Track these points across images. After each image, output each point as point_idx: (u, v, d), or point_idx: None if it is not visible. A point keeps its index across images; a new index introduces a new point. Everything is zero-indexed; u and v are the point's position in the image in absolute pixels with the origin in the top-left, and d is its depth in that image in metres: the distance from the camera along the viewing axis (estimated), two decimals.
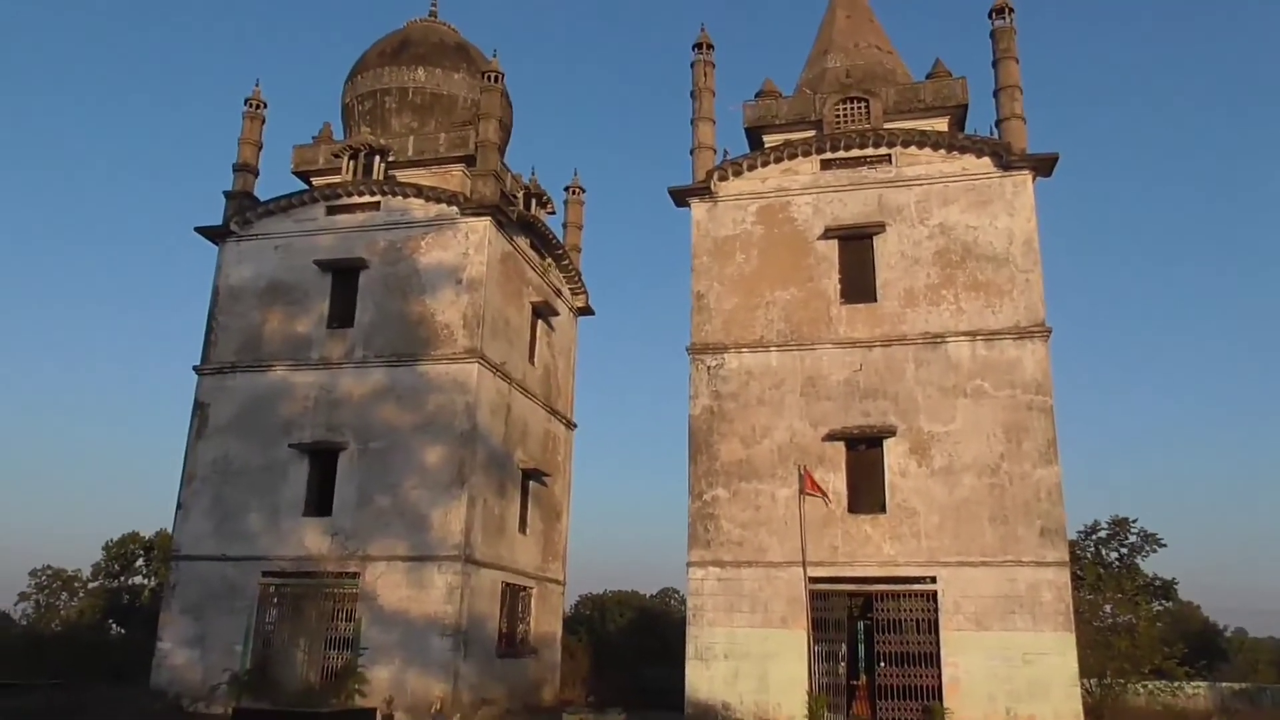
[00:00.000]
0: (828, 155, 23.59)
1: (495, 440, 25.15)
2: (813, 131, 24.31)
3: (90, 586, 49.65)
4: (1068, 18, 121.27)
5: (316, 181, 27.97)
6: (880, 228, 22.72)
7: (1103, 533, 37.78)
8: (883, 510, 21.10)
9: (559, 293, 30.59)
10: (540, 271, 29.03)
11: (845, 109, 24.36)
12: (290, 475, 24.40)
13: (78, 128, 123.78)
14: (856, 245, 22.89)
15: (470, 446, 23.65)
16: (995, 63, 23.36)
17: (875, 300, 22.37)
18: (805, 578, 20.78)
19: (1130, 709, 25.27)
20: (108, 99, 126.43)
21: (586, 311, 32.53)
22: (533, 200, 28.94)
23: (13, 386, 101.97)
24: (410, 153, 27.48)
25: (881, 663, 20.54)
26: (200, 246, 27.76)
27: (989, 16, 23.74)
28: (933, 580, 20.40)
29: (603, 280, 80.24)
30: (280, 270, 26.28)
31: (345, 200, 26.46)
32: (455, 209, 25.53)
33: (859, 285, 22.61)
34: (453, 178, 27.08)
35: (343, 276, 25.82)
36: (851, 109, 24.31)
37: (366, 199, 26.34)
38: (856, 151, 23.42)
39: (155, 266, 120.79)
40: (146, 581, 47.14)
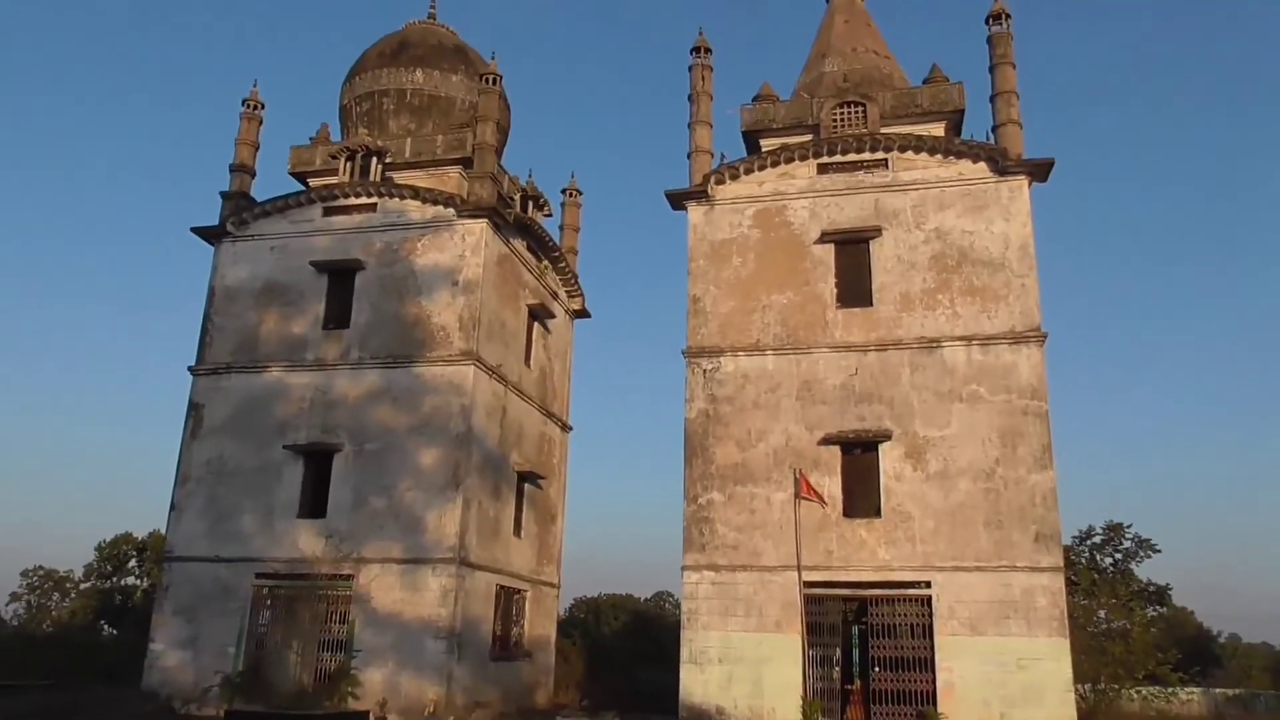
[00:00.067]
0: (825, 159, 23.66)
1: (490, 443, 25.11)
2: (810, 135, 24.37)
3: (82, 587, 49.45)
4: (1066, 18, 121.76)
5: (313, 183, 27.94)
6: (876, 232, 22.77)
7: (1097, 538, 37.76)
8: (878, 514, 21.12)
9: (555, 295, 30.59)
10: (537, 274, 29.02)
11: (842, 113, 24.42)
12: (285, 476, 24.35)
13: (77, 127, 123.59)
14: (853, 249, 22.95)
15: (465, 449, 23.62)
16: (992, 68, 23.44)
17: (871, 304, 22.42)
18: (800, 582, 20.79)
19: (1124, 714, 25.32)
20: (107, 98, 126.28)
21: (583, 314, 32.53)
22: (529, 202, 28.95)
23: (6, 386, 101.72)
24: (408, 154, 27.50)
25: (876, 667, 20.55)
26: (196, 247, 27.68)
27: (986, 22, 23.82)
28: (927, 585, 20.42)
29: (599, 283, 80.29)
30: (276, 271, 26.25)
31: (342, 201, 26.45)
32: (452, 211, 25.53)
33: (855, 289, 22.66)
34: (450, 180, 27.08)
35: (339, 278, 25.80)
36: (849, 113, 24.37)
37: (363, 200, 26.33)
38: (853, 156, 23.48)
39: (151, 267, 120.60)
40: (139, 582, 46.98)
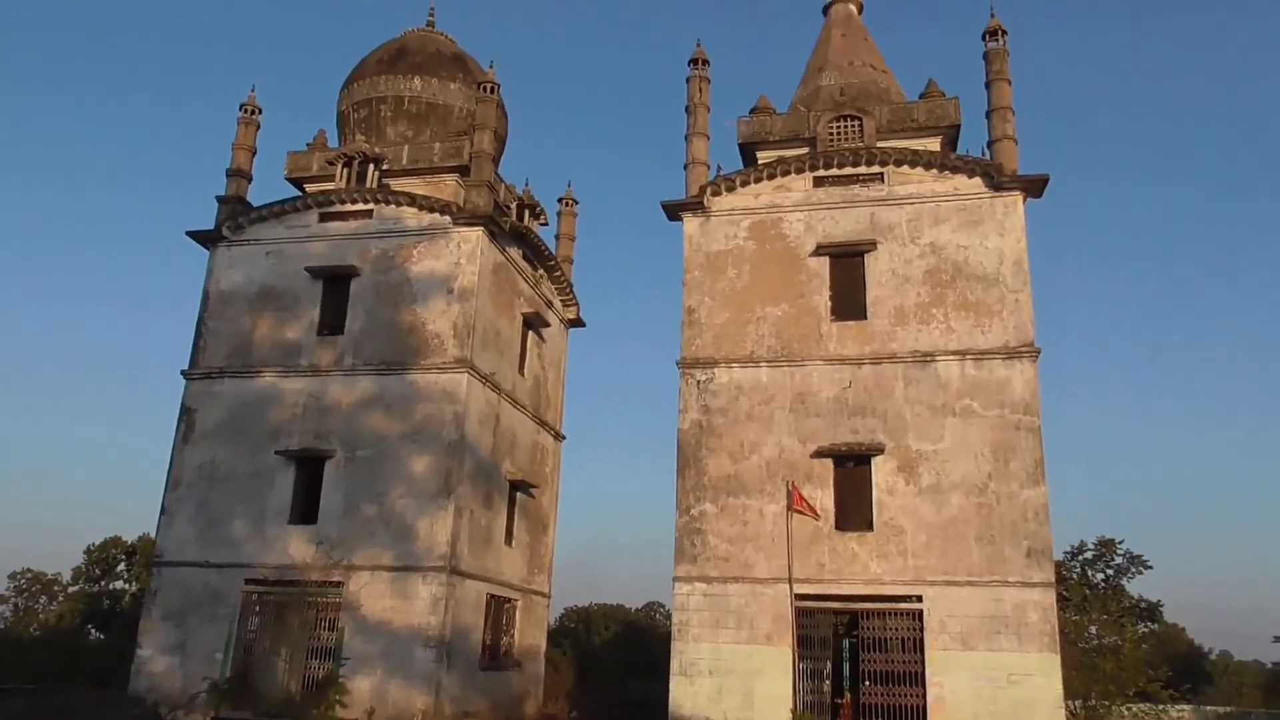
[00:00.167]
0: (821, 172, 23.72)
1: (483, 451, 25.06)
2: (806, 148, 24.43)
3: (70, 590, 49.24)
4: (1061, 24, 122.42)
5: (310, 188, 27.92)
6: (872, 246, 22.82)
7: (1089, 553, 37.94)
8: (870, 528, 21.10)
9: (550, 304, 30.59)
10: (532, 282, 29.03)
11: (839, 127, 24.51)
12: (276, 482, 24.25)
13: (77, 128, 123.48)
14: (848, 262, 22.99)
15: (458, 457, 23.56)
16: (988, 84, 23.54)
17: (865, 318, 22.45)
18: (791, 594, 20.74)
19: None
20: (107, 100, 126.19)
21: (578, 323, 32.52)
22: (526, 211, 28.98)
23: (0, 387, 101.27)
24: (404, 161, 27.49)
25: (866, 681, 20.47)
26: (192, 250, 27.64)
27: (982, 39, 23.94)
28: (919, 599, 20.40)
29: (594, 292, 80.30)
30: (271, 276, 26.21)
31: (338, 207, 26.43)
32: (448, 218, 25.53)
33: (850, 302, 22.69)
34: (446, 187, 27.09)
35: (334, 284, 25.76)
36: (845, 127, 24.46)
37: (360, 207, 26.31)
38: (849, 169, 23.55)
39: (145, 269, 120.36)
40: (128, 587, 46.77)
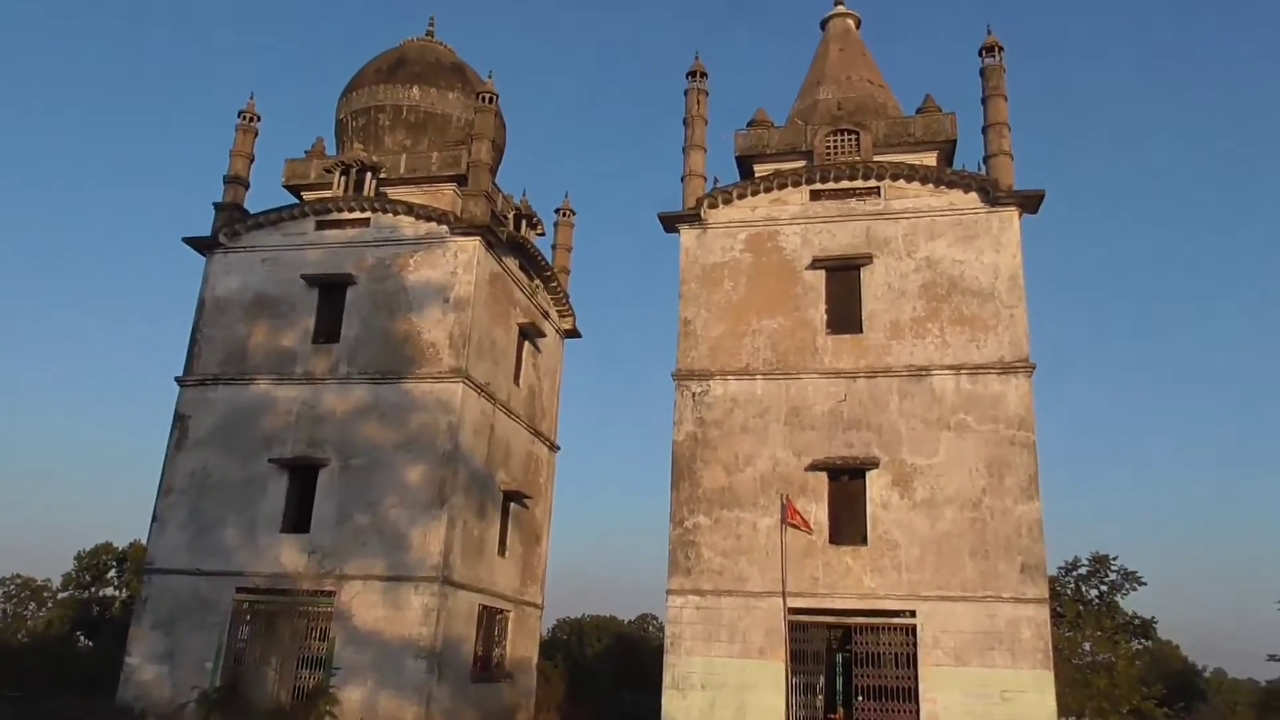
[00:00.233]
0: (817, 186, 23.77)
1: (477, 461, 25.00)
2: (803, 162, 24.49)
3: (60, 597, 48.86)
4: (1060, 46, 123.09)
5: (307, 196, 27.94)
6: (868, 259, 22.86)
7: (1083, 569, 37.72)
8: (864, 542, 21.06)
9: (546, 314, 30.58)
10: (528, 293, 29.02)
11: (836, 141, 24.58)
12: (269, 490, 24.16)
13: (77, 135, 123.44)
14: (844, 276, 23.01)
15: (452, 466, 23.49)
16: (984, 100, 23.64)
17: (861, 331, 22.47)
18: (785, 608, 20.68)
19: None
20: (106, 107, 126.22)
21: (573, 334, 32.52)
22: (523, 221, 28.99)
23: None
24: (402, 170, 27.53)
25: (859, 696, 20.40)
26: (188, 257, 27.60)
27: (979, 54, 24.05)
28: (912, 614, 20.34)
29: (591, 303, 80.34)
30: (267, 283, 26.17)
31: (335, 215, 26.43)
32: (445, 228, 25.53)
33: (845, 316, 22.71)
34: (444, 196, 27.11)
35: (330, 292, 25.73)
36: (842, 141, 24.54)
37: (357, 215, 26.31)
38: (846, 183, 23.60)
39: (141, 275, 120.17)
40: (118, 593, 46.44)
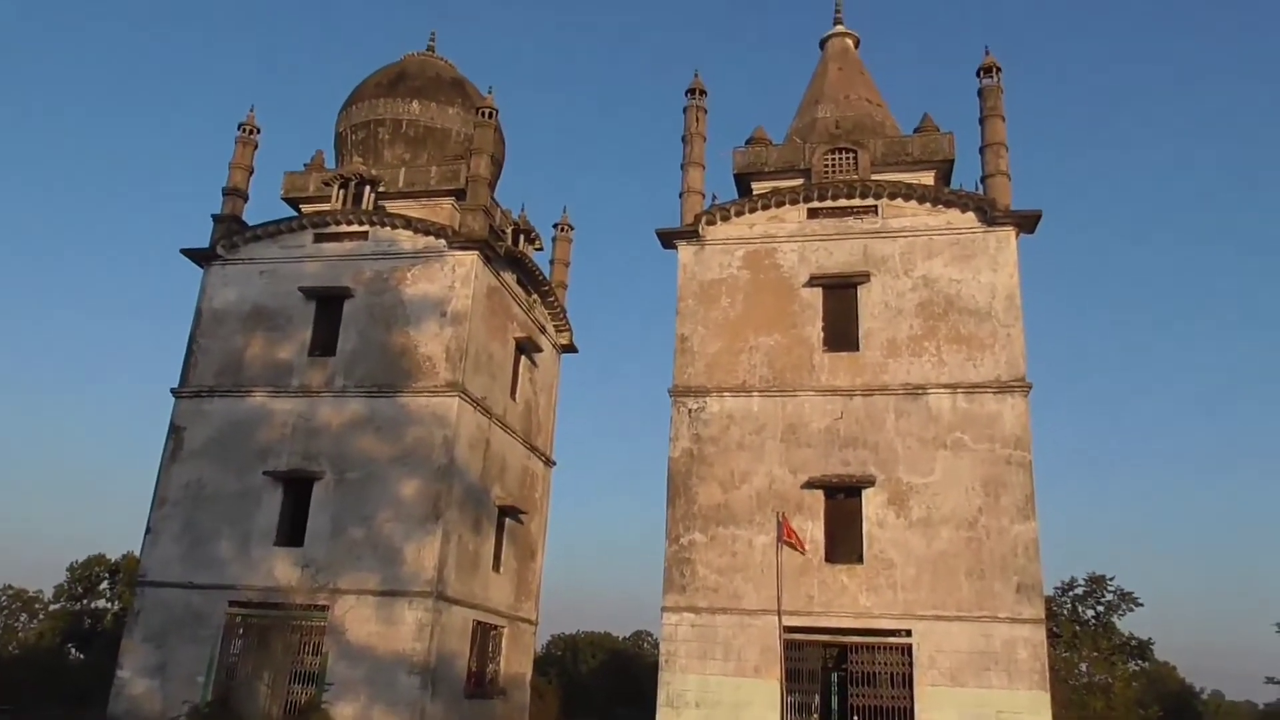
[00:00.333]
0: (815, 204, 23.84)
1: (473, 475, 24.92)
2: (801, 180, 24.57)
3: (52, 608, 48.57)
4: (1057, 62, 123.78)
5: (306, 209, 27.96)
6: (865, 277, 22.90)
7: (1079, 589, 37.66)
8: (860, 560, 20.99)
9: (543, 329, 30.57)
10: (525, 307, 29.03)
11: (834, 159, 24.67)
12: (263, 503, 24.07)
13: (76, 145, 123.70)
14: (841, 294, 23.06)
15: (447, 481, 23.42)
16: (982, 120, 23.76)
17: (858, 349, 22.48)
18: (780, 626, 20.59)
19: None
20: (107, 118, 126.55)
21: (570, 349, 32.51)
22: (521, 236, 29.04)
23: None
24: (401, 184, 27.58)
25: (855, 716, 20.26)
26: (186, 268, 27.60)
27: (977, 75, 24.19)
28: (908, 633, 20.26)
29: (588, 318, 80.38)
30: (264, 296, 26.17)
31: (334, 228, 26.45)
32: (443, 242, 25.55)
33: (842, 334, 22.73)
34: (442, 210, 27.15)
35: (327, 304, 25.72)
36: (840, 159, 24.63)
37: (355, 228, 26.33)
38: (843, 201, 23.67)
39: (138, 286, 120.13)
40: (110, 606, 46.17)
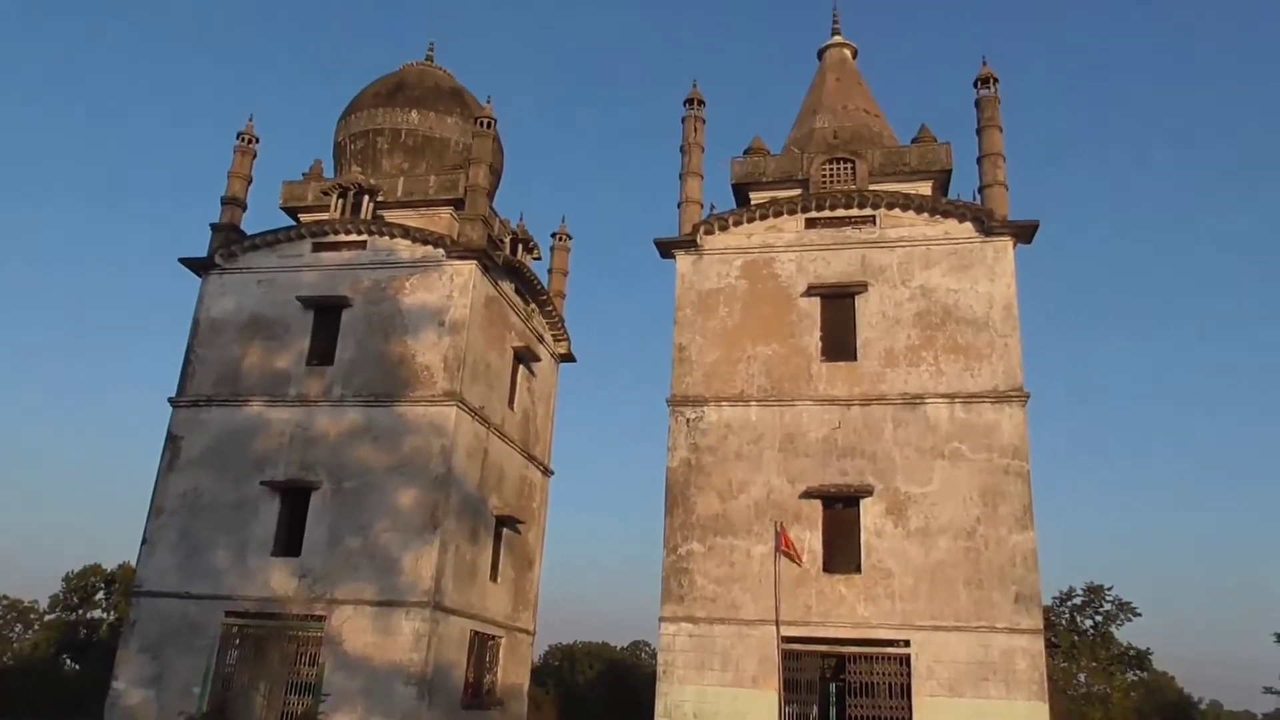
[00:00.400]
0: (813, 214, 23.91)
1: (470, 485, 24.88)
2: (799, 190, 24.63)
3: (47, 619, 48.36)
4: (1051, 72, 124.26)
5: (304, 218, 27.98)
6: (862, 287, 22.94)
7: (1078, 599, 37.67)
8: (858, 570, 20.97)
9: (541, 338, 30.58)
10: (523, 316, 29.03)
11: (832, 169, 24.75)
12: (260, 513, 24.00)
13: (76, 153, 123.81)
14: (838, 304, 23.09)
15: (444, 490, 23.38)
16: (979, 130, 23.84)
17: (855, 359, 22.50)
18: (778, 637, 20.55)
19: None
20: (107, 126, 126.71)
21: (568, 358, 32.51)
22: (519, 245, 29.06)
23: None
24: (399, 193, 27.60)
25: None
26: (183, 277, 27.60)
27: (974, 86, 24.28)
28: (906, 644, 20.23)
29: (586, 328, 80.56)
30: (262, 305, 26.16)
31: (332, 238, 26.47)
32: (441, 251, 25.57)
33: (840, 343, 22.76)
34: (441, 220, 27.18)
35: (325, 314, 25.71)
36: (838, 169, 24.70)
37: (353, 237, 26.35)
38: (841, 211, 23.74)
39: (135, 295, 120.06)
40: (106, 616, 45.98)
